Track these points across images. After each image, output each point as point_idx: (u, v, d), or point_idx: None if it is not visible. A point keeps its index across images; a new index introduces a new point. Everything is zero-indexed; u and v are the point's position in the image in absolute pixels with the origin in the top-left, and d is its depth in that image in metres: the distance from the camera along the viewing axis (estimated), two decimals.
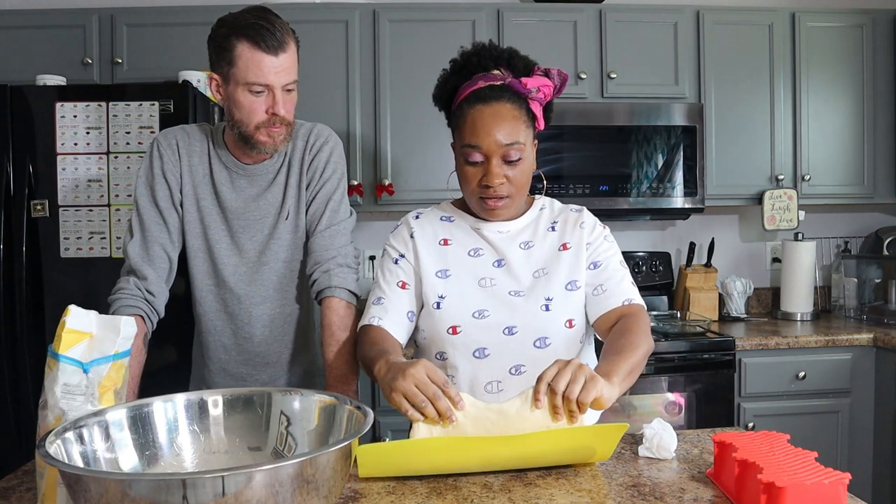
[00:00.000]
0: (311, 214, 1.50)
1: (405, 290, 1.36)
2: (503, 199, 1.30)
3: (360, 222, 2.98)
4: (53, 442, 0.81)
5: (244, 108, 1.37)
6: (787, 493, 0.88)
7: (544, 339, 1.30)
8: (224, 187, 1.48)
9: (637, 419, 2.43)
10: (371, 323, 1.33)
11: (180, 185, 1.47)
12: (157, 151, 1.47)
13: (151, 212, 1.46)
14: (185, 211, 1.48)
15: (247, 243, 1.48)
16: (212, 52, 1.38)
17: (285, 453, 0.97)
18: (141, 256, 1.44)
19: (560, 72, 1.33)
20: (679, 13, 2.76)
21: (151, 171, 1.47)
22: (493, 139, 1.25)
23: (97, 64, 2.56)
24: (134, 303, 1.41)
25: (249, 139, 1.39)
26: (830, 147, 2.84)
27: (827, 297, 3.16)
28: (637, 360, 1.18)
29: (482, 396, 1.29)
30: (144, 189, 1.47)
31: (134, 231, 1.46)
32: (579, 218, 1.40)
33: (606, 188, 2.67)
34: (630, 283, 1.35)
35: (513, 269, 1.35)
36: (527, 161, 1.30)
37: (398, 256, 1.39)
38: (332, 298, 1.44)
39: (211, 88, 1.41)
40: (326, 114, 2.61)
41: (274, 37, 1.33)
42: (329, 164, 1.50)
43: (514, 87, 1.30)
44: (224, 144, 1.48)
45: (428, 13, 2.67)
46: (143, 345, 1.41)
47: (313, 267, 1.47)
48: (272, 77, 1.34)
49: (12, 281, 2.22)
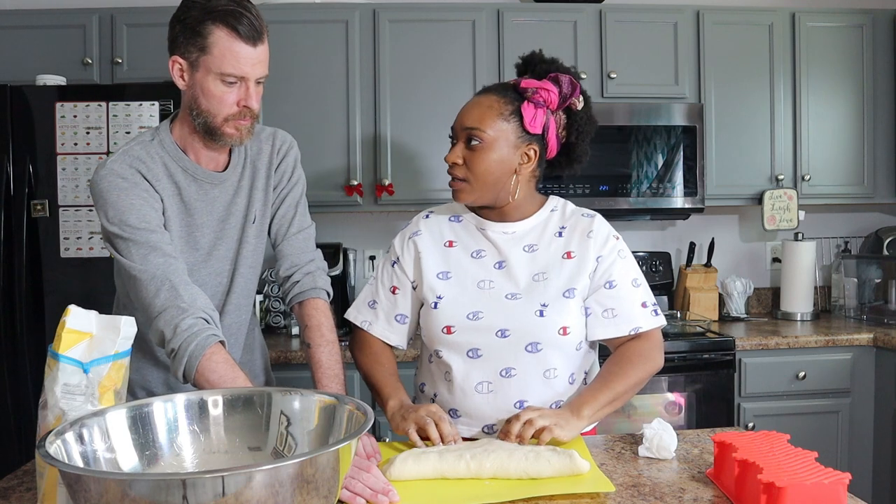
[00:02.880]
0: (279, 218, 1.47)
1: (396, 294, 1.43)
2: (460, 181, 1.34)
3: (360, 222, 2.99)
4: (53, 442, 0.81)
5: (214, 99, 1.28)
6: (787, 493, 0.88)
7: (536, 344, 1.31)
8: (198, 203, 1.37)
9: (637, 419, 2.43)
10: (363, 327, 1.43)
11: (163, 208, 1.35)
12: (123, 182, 1.29)
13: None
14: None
15: (221, 253, 1.42)
16: (179, 34, 1.28)
17: (285, 453, 0.97)
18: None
19: (571, 80, 1.33)
20: (679, 13, 2.76)
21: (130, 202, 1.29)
22: (460, 121, 1.34)
23: (97, 64, 2.56)
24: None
25: (215, 131, 1.30)
26: (830, 147, 2.84)
27: (827, 297, 3.16)
28: (624, 389, 1.29)
29: (474, 396, 1.32)
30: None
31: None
32: (589, 226, 1.38)
33: (606, 188, 2.67)
34: (641, 304, 1.35)
35: (512, 271, 1.36)
36: (491, 152, 1.30)
37: (395, 259, 1.44)
38: (317, 300, 1.44)
39: (172, 72, 1.30)
40: (326, 114, 2.61)
41: (253, 26, 1.25)
42: (296, 170, 1.50)
43: (514, 85, 1.33)
44: (176, 145, 1.36)
45: (428, 13, 2.67)
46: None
47: (291, 269, 1.46)
48: (248, 69, 1.26)
49: (12, 281, 2.22)
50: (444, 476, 1.07)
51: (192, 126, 1.34)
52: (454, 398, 1.34)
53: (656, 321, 1.36)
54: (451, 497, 1.02)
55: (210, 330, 1.22)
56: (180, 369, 1.20)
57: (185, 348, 1.19)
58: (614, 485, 1.05)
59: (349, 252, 2.82)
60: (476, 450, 1.09)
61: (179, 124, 1.38)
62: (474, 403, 1.32)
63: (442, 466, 1.08)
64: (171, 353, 1.21)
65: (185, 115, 1.35)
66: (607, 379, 1.29)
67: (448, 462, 1.08)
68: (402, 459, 1.09)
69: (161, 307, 1.23)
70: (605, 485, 1.04)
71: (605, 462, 1.17)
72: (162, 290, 1.24)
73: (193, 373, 1.20)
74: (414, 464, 1.08)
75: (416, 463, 1.08)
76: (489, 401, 1.31)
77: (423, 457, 1.09)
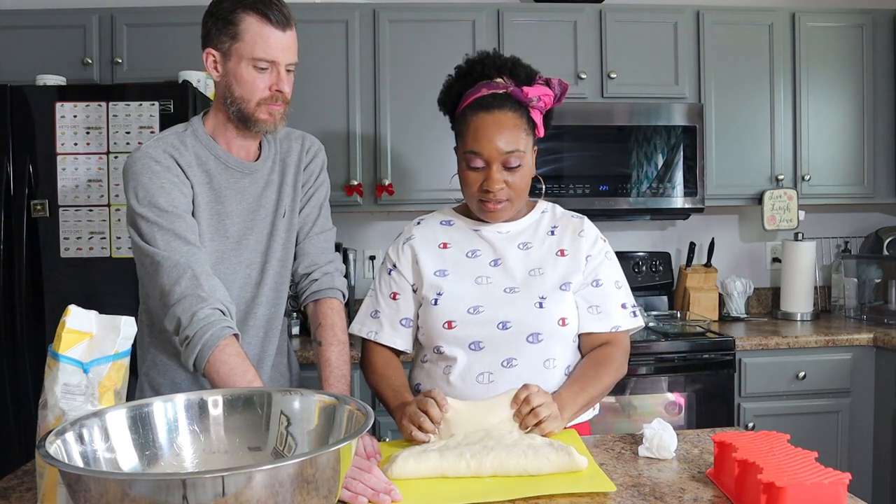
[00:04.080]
0: (303, 216, 1.50)
1: (396, 300, 1.44)
2: (502, 202, 1.35)
3: (360, 222, 2.99)
4: (53, 442, 0.81)
5: (246, 84, 1.32)
6: (787, 493, 0.88)
7: (537, 334, 1.34)
8: (228, 191, 1.40)
9: (637, 419, 2.43)
10: (369, 338, 1.44)
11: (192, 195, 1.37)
12: (157, 165, 1.33)
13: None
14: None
15: (252, 243, 1.44)
16: (211, 27, 1.33)
17: (285, 453, 0.97)
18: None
19: (561, 81, 1.38)
20: (679, 13, 2.76)
21: (161, 185, 1.32)
22: (494, 146, 1.30)
23: (97, 64, 2.56)
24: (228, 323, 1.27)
25: (249, 117, 1.34)
26: (830, 147, 2.84)
27: (827, 297, 3.16)
28: (598, 393, 1.33)
29: (474, 387, 1.34)
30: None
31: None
32: (580, 226, 1.44)
33: (606, 188, 2.67)
34: (622, 305, 1.41)
35: (509, 267, 1.39)
36: (526, 167, 1.35)
37: (391, 267, 1.47)
38: (333, 300, 1.47)
39: (207, 65, 1.35)
40: (326, 114, 2.61)
41: (282, 12, 1.31)
42: (323, 172, 1.54)
43: (515, 95, 1.34)
44: (208, 136, 1.40)
45: (428, 13, 2.67)
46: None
47: (311, 268, 1.49)
48: (279, 53, 1.31)
49: (12, 281, 2.22)
50: (444, 475, 1.08)
51: (226, 115, 1.38)
52: (453, 390, 1.34)
53: (634, 322, 1.42)
54: (452, 495, 1.02)
55: (226, 322, 1.24)
56: (192, 357, 1.21)
57: (199, 337, 1.20)
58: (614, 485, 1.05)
59: (349, 252, 2.82)
60: (475, 447, 1.10)
61: (213, 116, 1.42)
62: (474, 393, 1.33)
63: (442, 465, 1.08)
64: (185, 339, 1.22)
65: (218, 105, 1.40)
66: (584, 382, 1.33)
67: (448, 461, 1.08)
68: (403, 459, 1.09)
69: (181, 294, 1.24)
70: (604, 483, 1.04)
71: (605, 462, 1.17)
72: (183, 278, 1.25)
73: (205, 362, 1.21)
74: (415, 463, 1.08)
75: (416, 462, 1.08)
76: (489, 390, 1.33)
77: (423, 456, 1.09)
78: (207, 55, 1.35)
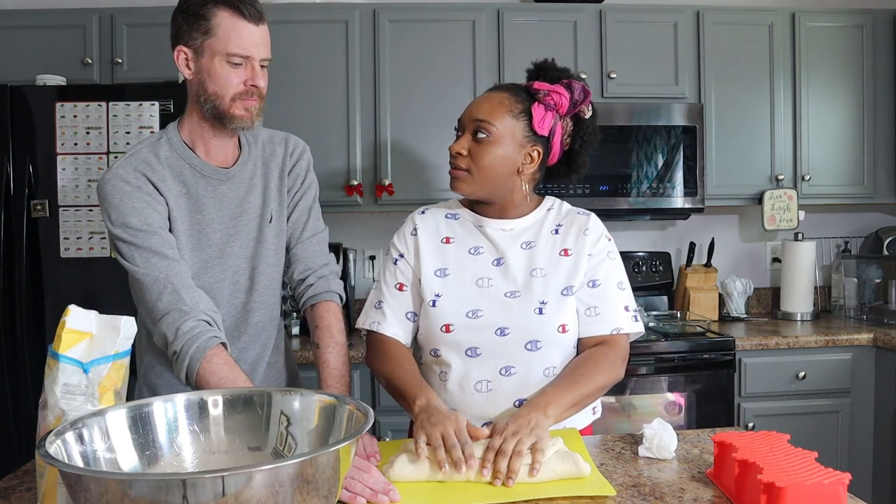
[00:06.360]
0: (292, 221, 1.48)
1: (403, 291, 1.41)
2: (460, 171, 1.34)
3: (360, 222, 2.99)
4: (53, 442, 0.81)
5: (220, 79, 1.29)
6: (787, 493, 0.88)
7: (536, 342, 1.31)
8: (207, 199, 1.37)
9: (637, 419, 2.43)
10: (373, 329, 1.40)
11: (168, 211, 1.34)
12: (127, 186, 1.31)
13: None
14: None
15: (236, 250, 1.41)
16: (182, 23, 1.31)
17: (285, 453, 0.97)
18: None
19: (584, 87, 1.35)
20: (679, 13, 2.76)
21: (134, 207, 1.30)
22: (469, 112, 1.35)
23: (97, 64, 2.56)
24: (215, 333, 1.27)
25: (225, 114, 1.31)
26: (830, 147, 2.84)
27: (827, 297, 3.16)
28: (588, 392, 1.26)
29: (472, 395, 1.32)
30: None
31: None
32: (585, 224, 1.39)
33: (606, 188, 2.67)
34: (623, 307, 1.36)
35: (510, 268, 1.36)
36: (497, 147, 1.32)
37: (398, 256, 1.43)
38: (330, 302, 1.46)
39: (178, 64, 1.32)
40: (326, 114, 2.61)
41: (254, 6, 1.29)
42: (309, 173, 1.51)
43: (526, 86, 1.36)
44: (184, 143, 1.37)
45: (428, 13, 2.67)
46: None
47: (305, 273, 1.47)
48: (253, 48, 1.29)
49: (12, 281, 2.22)
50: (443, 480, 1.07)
51: (200, 114, 1.36)
52: (451, 397, 1.33)
53: (635, 326, 1.36)
54: (451, 497, 1.02)
55: (211, 332, 1.24)
56: (182, 371, 1.22)
57: (186, 351, 1.21)
58: (614, 485, 1.05)
59: (349, 252, 2.82)
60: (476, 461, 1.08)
61: (188, 119, 1.39)
62: (473, 402, 1.32)
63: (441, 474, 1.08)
64: (174, 355, 1.23)
65: (192, 106, 1.37)
66: (574, 380, 1.26)
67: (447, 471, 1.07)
68: (403, 461, 1.09)
69: (164, 310, 1.25)
70: (605, 488, 1.03)
71: (605, 462, 1.17)
72: (164, 294, 1.26)
73: (195, 375, 1.21)
74: (414, 467, 1.08)
75: (415, 466, 1.08)
76: (489, 399, 1.31)
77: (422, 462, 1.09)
78: (179, 53, 1.32)
